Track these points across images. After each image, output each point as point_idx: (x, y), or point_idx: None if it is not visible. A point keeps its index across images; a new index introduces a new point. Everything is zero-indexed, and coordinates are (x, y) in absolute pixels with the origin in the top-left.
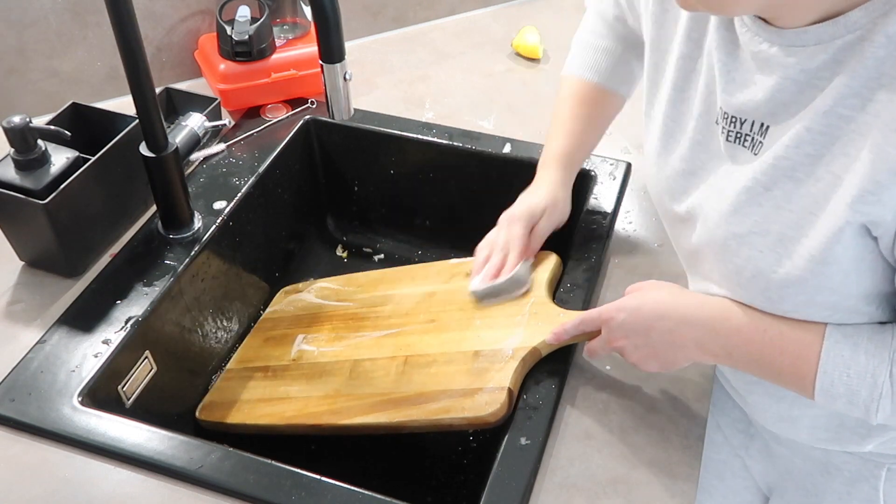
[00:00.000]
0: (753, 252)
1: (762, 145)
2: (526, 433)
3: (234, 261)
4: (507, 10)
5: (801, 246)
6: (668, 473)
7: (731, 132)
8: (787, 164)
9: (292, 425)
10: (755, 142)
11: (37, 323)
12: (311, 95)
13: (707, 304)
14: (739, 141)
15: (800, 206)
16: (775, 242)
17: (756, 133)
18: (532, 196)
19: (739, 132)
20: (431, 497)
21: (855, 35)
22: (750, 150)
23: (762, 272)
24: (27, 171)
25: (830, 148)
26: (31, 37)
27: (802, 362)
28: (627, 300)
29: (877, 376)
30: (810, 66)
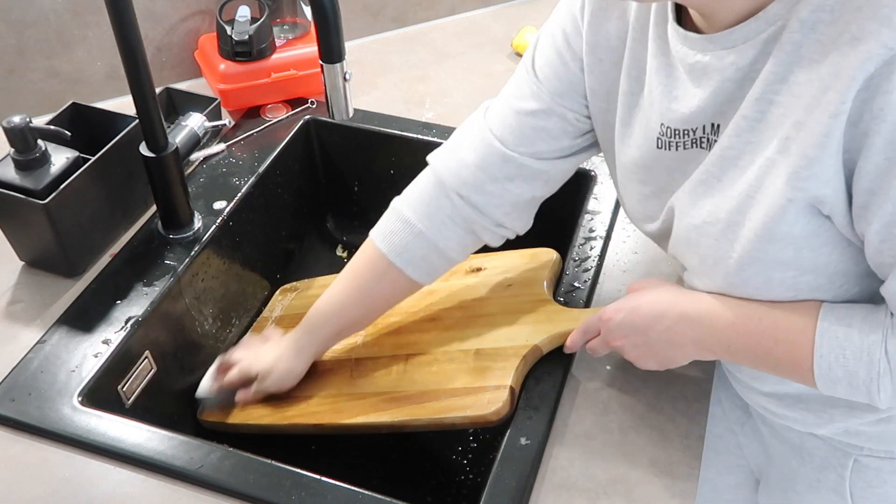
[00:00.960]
0: (710, 241)
1: (716, 142)
2: (526, 433)
3: (234, 261)
4: (507, 10)
5: (745, 228)
6: (668, 473)
7: (685, 142)
8: (733, 154)
9: (293, 425)
10: (710, 141)
11: (37, 323)
12: (311, 95)
13: (703, 301)
14: (695, 145)
15: (739, 191)
16: (725, 229)
17: (709, 133)
18: (260, 356)
19: (693, 138)
20: (431, 497)
21: (776, 26)
22: (707, 148)
23: (721, 258)
24: (27, 171)
25: (763, 133)
26: (31, 37)
27: (798, 349)
28: (626, 300)
29: (872, 354)
30: (743, 62)
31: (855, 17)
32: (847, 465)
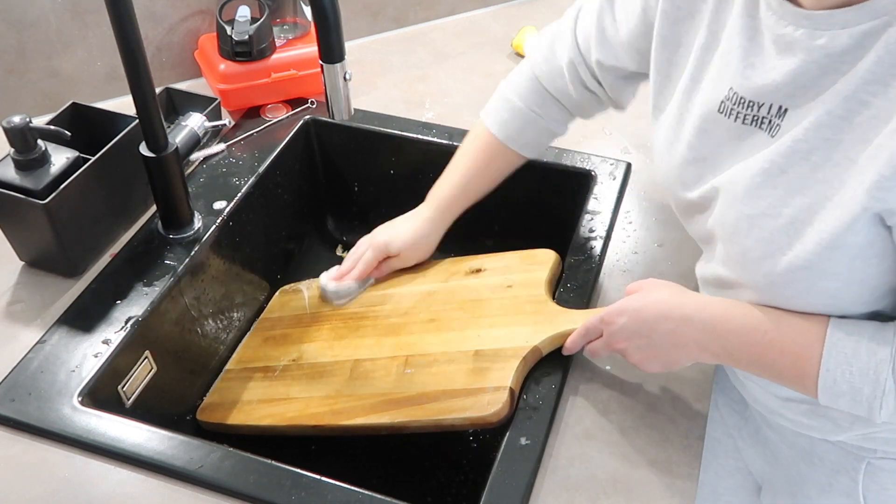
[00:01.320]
0: (763, 234)
1: (780, 128)
2: (526, 433)
3: (234, 261)
4: (507, 10)
5: (811, 230)
6: (668, 473)
7: (748, 115)
8: (805, 148)
9: (293, 426)
10: (773, 124)
11: (37, 323)
12: (311, 95)
13: (709, 305)
14: (756, 124)
15: (814, 190)
16: (787, 225)
17: (774, 116)
18: (399, 229)
19: (756, 115)
20: (431, 497)
21: (881, 21)
22: (767, 132)
23: (770, 255)
24: (27, 171)
25: (849, 133)
26: (31, 37)
27: (804, 362)
28: (629, 302)
29: (879, 373)
30: (834, 49)
31: None
32: (860, 469)
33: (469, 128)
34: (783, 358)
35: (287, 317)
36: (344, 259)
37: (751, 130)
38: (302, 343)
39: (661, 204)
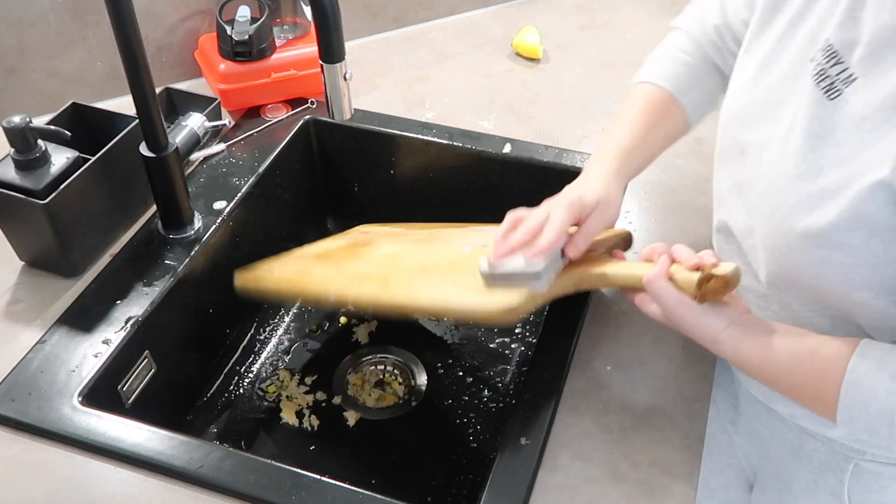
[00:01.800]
0: (793, 195)
1: (840, 94)
2: (526, 433)
3: (234, 261)
4: (507, 10)
5: (835, 201)
6: (668, 473)
7: (822, 71)
8: (867, 125)
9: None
10: (834, 87)
11: (37, 323)
12: (311, 95)
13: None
14: (821, 80)
15: (855, 166)
16: (816, 193)
17: (841, 79)
18: (584, 185)
19: (826, 73)
20: (431, 497)
21: None
22: (826, 94)
23: (791, 216)
24: (27, 171)
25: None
26: (31, 37)
27: (821, 405)
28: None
29: (894, 415)
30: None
31: None
32: (847, 469)
33: (469, 128)
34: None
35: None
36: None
37: (815, 89)
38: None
39: (662, 204)
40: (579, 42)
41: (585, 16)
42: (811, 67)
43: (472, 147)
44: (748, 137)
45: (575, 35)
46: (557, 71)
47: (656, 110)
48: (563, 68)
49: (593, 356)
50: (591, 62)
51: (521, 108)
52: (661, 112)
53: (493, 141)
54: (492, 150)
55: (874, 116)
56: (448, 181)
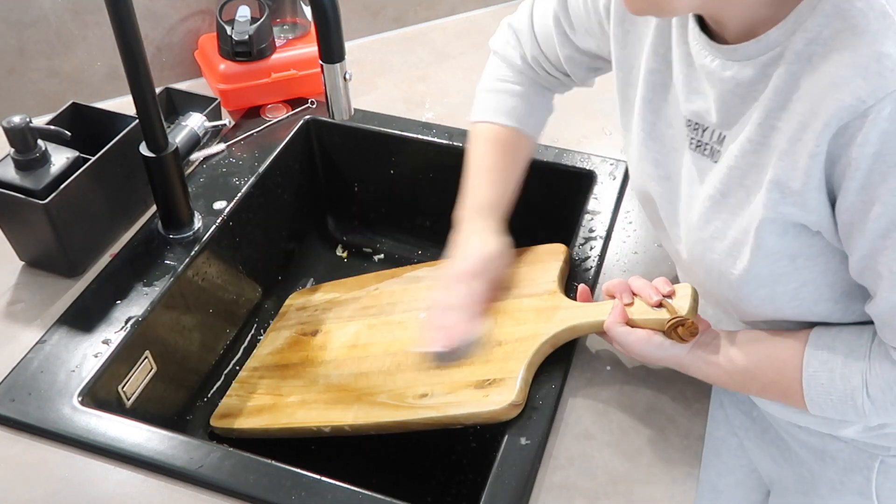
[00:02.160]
0: (714, 256)
1: (720, 153)
2: (526, 433)
3: (234, 261)
4: (507, 10)
5: (746, 248)
6: (668, 473)
7: (694, 140)
8: (738, 173)
9: (305, 428)
10: (714, 150)
11: (37, 323)
12: (311, 95)
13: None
14: (700, 149)
15: (748, 211)
16: (730, 246)
17: (714, 142)
18: (478, 245)
19: (700, 140)
20: (431, 497)
21: (775, 52)
22: (710, 158)
23: (723, 274)
24: (27, 171)
25: (768, 156)
26: (31, 37)
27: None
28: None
29: (856, 399)
30: (743, 80)
31: (840, 58)
32: (873, 467)
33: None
34: (770, 391)
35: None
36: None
37: (697, 156)
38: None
39: None
40: None
41: None
42: (689, 143)
43: None
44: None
45: None
46: None
47: (509, 150)
48: None
49: (593, 356)
50: None
51: None
52: (513, 149)
53: None
54: None
55: (741, 164)
56: (448, 181)
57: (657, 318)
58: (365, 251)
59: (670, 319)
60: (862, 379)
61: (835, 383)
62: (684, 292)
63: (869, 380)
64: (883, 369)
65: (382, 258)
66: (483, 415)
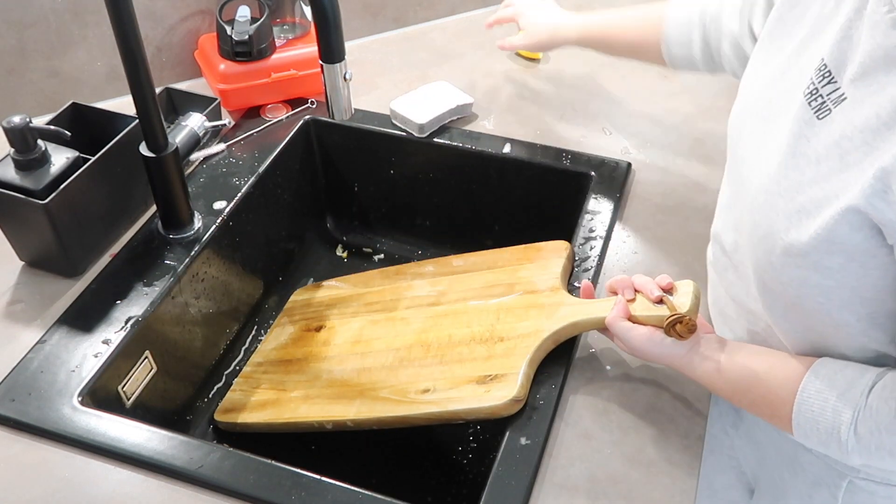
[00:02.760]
0: (772, 213)
1: (830, 113)
2: (526, 433)
3: (234, 261)
4: None
5: (812, 221)
6: (668, 473)
7: (815, 90)
8: (846, 144)
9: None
10: (824, 106)
11: (37, 323)
12: (311, 95)
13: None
14: (812, 97)
15: (834, 187)
16: (794, 212)
17: (831, 99)
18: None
19: (818, 89)
20: (431, 497)
21: None
22: (816, 112)
23: (772, 234)
24: (27, 171)
25: (887, 142)
26: (31, 37)
27: (778, 421)
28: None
29: (840, 434)
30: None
31: None
32: (841, 486)
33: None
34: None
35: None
36: None
37: (805, 106)
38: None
39: (661, 204)
40: None
41: None
42: (806, 85)
43: (472, 147)
44: (742, 152)
45: None
46: (557, 71)
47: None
48: (563, 68)
49: (594, 356)
50: (591, 62)
51: (521, 108)
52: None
53: (493, 141)
54: (492, 150)
55: (854, 137)
56: (448, 181)
57: (658, 315)
58: (365, 251)
59: (669, 316)
60: (853, 415)
61: (825, 414)
62: (686, 289)
63: (860, 418)
64: (879, 411)
65: (382, 258)
66: (484, 410)
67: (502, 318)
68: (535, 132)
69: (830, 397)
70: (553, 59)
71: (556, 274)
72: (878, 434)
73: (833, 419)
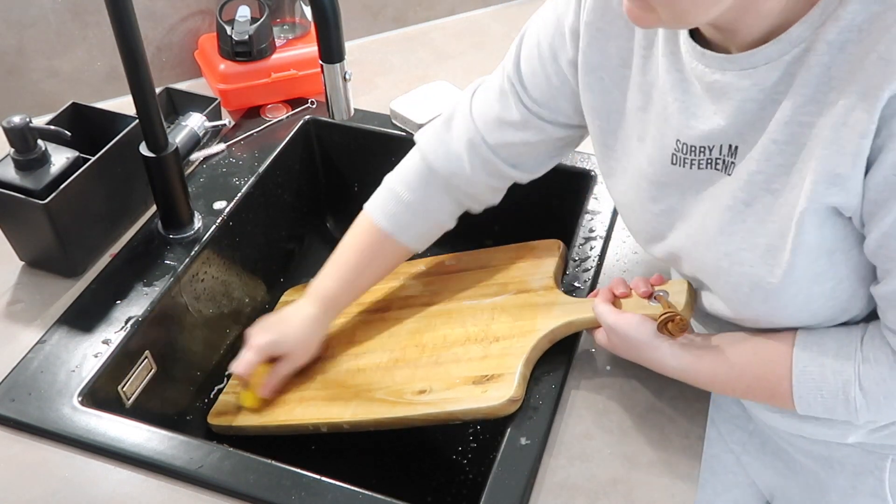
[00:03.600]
0: (745, 268)
1: (734, 165)
2: (526, 433)
3: (234, 261)
4: (507, 10)
5: (782, 250)
6: (668, 473)
7: (702, 161)
8: (762, 178)
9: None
10: (727, 163)
11: (37, 323)
12: (311, 95)
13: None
14: (711, 166)
15: (781, 214)
16: (764, 254)
17: (726, 155)
18: (285, 328)
19: (710, 158)
20: (431, 497)
21: (800, 48)
22: (723, 171)
23: (758, 284)
24: (27, 171)
25: (799, 155)
26: (31, 37)
27: (777, 389)
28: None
29: (847, 392)
30: (766, 84)
31: (882, 37)
32: (884, 467)
33: None
34: (755, 389)
35: None
36: None
37: (708, 173)
38: None
39: None
40: None
41: None
42: (686, 165)
43: None
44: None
45: None
46: None
47: (372, 250)
48: None
49: (593, 356)
50: None
51: None
52: (377, 252)
53: None
54: None
55: (763, 168)
56: None
57: (651, 314)
58: None
59: (662, 313)
60: (854, 372)
61: (826, 378)
62: (680, 288)
63: (862, 372)
64: (878, 360)
65: None
66: (482, 410)
67: (497, 318)
68: None
69: (827, 361)
70: None
71: (550, 273)
72: (883, 383)
73: (835, 381)
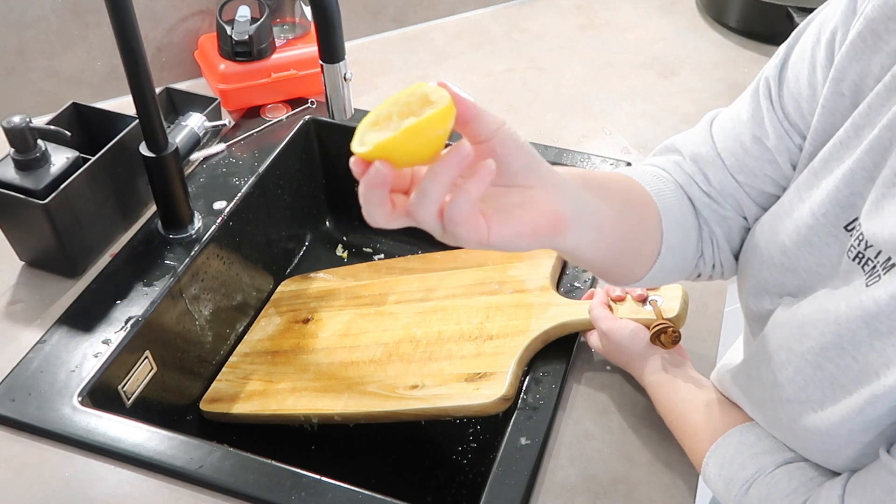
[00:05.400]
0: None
1: (879, 280)
2: (526, 433)
3: (234, 261)
4: (507, 10)
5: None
6: (668, 473)
7: (858, 251)
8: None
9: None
10: (874, 272)
11: (37, 323)
12: (311, 95)
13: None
14: (860, 262)
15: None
16: (825, 382)
17: (879, 264)
18: None
19: (863, 254)
20: (431, 497)
21: None
22: (864, 277)
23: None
24: (27, 171)
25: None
26: (31, 37)
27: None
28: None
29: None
30: None
31: None
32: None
33: None
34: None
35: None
36: None
37: (852, 267)
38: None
39: None
40: (579, 42)
41: (585, 16)
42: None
43: None
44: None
45: (575, 35)
46: (557, 71)
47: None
48: (563, 68)
49: (593, 356)
50: (591, 62)
51: (521, 108)
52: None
53: None
54: None
55: None
56: None
57: (645, 319)
58: (365, 251)
59: (656, 324)
60: (753, 475)
61: (733, 464)
62: (674, 293)
63: (758, 480)
64: (778, 483)
65: (382, 258)
66: (473, 408)
67: (491, 317)
68: (535, 132)
69: (745, 452)
70: (553, 59)
71: (546, 274)
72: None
73: (734, 472)
